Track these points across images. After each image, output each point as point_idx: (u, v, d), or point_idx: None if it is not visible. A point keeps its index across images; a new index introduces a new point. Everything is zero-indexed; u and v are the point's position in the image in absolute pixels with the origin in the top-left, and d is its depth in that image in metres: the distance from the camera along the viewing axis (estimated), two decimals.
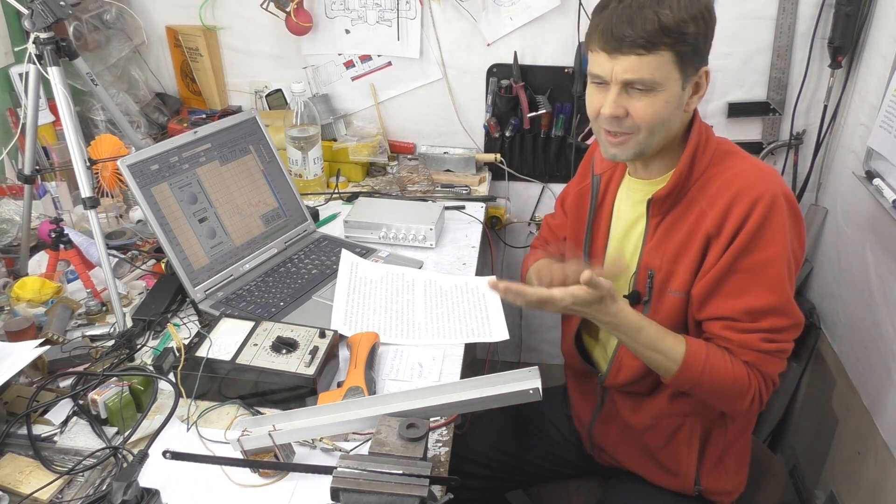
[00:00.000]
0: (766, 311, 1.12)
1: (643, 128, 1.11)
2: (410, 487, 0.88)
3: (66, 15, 1.34)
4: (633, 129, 1.12)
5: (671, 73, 1.07)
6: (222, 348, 1.18)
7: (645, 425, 1.30)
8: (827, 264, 1.91)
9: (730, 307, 1.13)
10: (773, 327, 1.12)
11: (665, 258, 1.19)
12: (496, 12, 1.89)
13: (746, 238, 1.10)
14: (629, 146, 1.14)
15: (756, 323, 1.12)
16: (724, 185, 1.14)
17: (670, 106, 1.10)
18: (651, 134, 1.12)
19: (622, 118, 1.11)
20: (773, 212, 1.10)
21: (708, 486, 1.30)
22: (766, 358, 1.13)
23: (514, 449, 1.52)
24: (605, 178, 1.32)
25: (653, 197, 1.19)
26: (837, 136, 1.90)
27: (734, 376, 1.13)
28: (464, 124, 2.06)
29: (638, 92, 1.08)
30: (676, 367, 1.14)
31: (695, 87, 1.13)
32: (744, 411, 1.17)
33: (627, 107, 1.10)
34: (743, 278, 1.12)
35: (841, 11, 1.74)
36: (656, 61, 1.05)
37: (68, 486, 1.01)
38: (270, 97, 2.10)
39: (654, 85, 1.07)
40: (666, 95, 1.09)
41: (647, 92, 1.08)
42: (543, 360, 2.36)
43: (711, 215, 1.14)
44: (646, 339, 1.14)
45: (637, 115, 1.10)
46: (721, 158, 1.18)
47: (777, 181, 1.14)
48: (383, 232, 1.64)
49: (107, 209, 1.67)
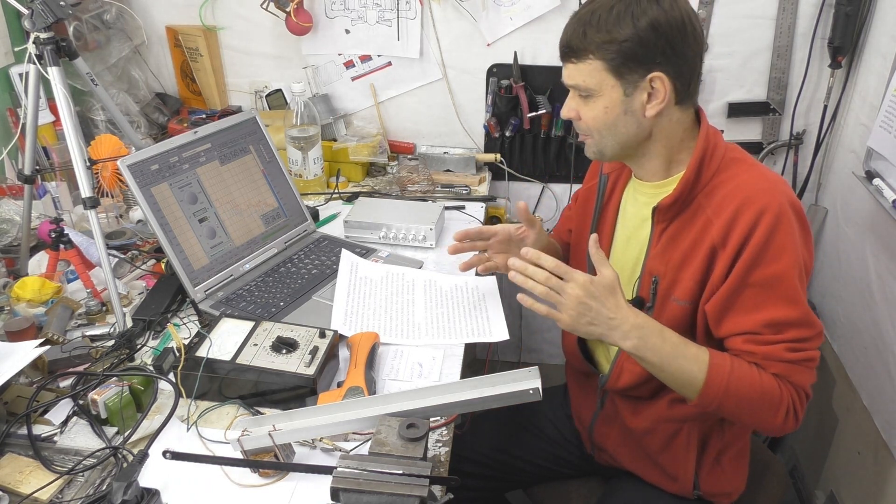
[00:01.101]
0: (788, 323, 1.10)
1: (592, 131, 1.19)
2: (410, 487, 0.88)
3: (66, 15, 1.34)
4: (586, 132, 1.20)
5: (604, 79, 1.13)
6: (222, 348, 1.18)
7: (644, 429, 1.29)
8: (827, 264, 1.91)
9: (749, 321, 1.11)
10: (797, 338, 1.10)
11: (670, 265, 1.18)
12: (496, 12, 1.89)
13: (755, 251, 1.09)
14: (589, 146, 1.22)
15: (779, 335, 1.10)
16: (730, 195, 1.13)
17: (612, 112, 1.15)
18: (602, 136, 1.18)
19: (577, 121, 1.20)
20: (780, 223, 1.09)
21: (707, 489, 1.29)
22: (794, 368, 1.10)
23: (514, 449, 1.52)
24: (613, 177, 1.33)
25: (658, 205, 1.18)
26: (837, 136, 1.90)
27: (763, 388, 1.09)
28: (464, 124, 2.06)
29: (581, 97, 1.17)
30: (703, 377, 1.09)
31: (650, 92, 1.12)
32: (779, 428, 1.11)
33: (578, 111, 1.18)
34: (757, 292, 1.10)
35: (841, 11, 1.74)
36: (586, 69, 1.13)
37: (68, 486, 1.01)
38: (270, 97, 2.10)
39: (588, 91, 1.15)
40: (604, 101, 1.14)
41: (586, 98, 1.16)
42: (543, 360, 2.36)
43: (717, 225, 1.12)
44: (671, 344, 1.10)
45: (584, 118, 1.18)
46: (728, 165, 1.16)
47: (784, 191, 1.13)
48: (383, 232, 1.64)
49: (107, 209, 1.67)
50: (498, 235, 1.41)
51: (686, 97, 1.15)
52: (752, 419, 1.15)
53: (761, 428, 1.20)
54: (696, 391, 1.10)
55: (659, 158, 1.20)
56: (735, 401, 1.09)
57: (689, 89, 1.15)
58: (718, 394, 1.09)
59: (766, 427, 1.17)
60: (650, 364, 1.11)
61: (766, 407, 1.10)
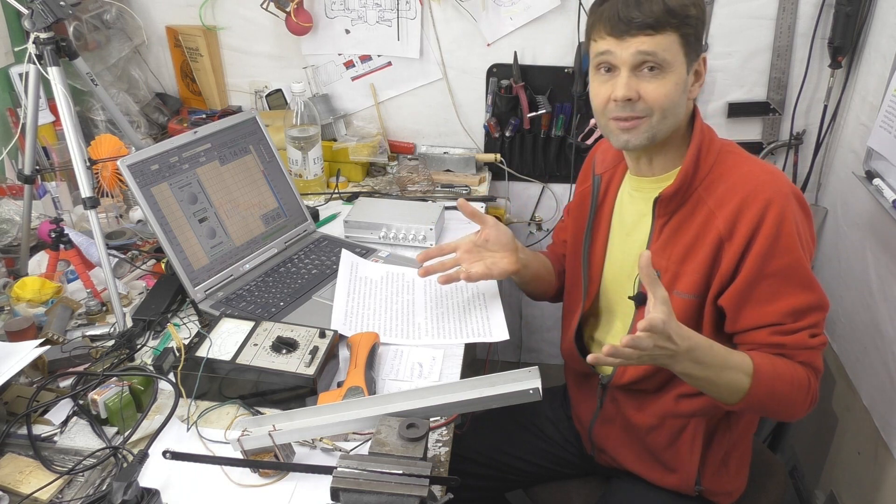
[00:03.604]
0: (807, 308, 1.12)
1: (656, 110, 1.12)
2: (410, 487, 0.88)
3: (66, 15, 1.34)
4: (645, 112, 1.12)
5: (678, 54, 1.11)
6: (222, 348, 1.18)
7: (649, 425, 1.29)
8: (827, 264, 1.91)
9: (771, 313, 1.11)
10: (815, 322, 1.13)
11: (672, 259, 1.18)
12: (496, 12, 1.89)
13: (766, 243, 1.10)
14: (641, 130, 1.14)
15: (801, 322, 1.11)
16: (733, 187, 1.14)
17: (679, 89, 1.12)
18: (663, 117, 1.13)
19: (635, 101, 1.12)
20: (787, 213, 1.10)
21: (709, 487, 1.29)
22: (815, 353, 1.13)
23: (514, 449, 1.51)
24: (606, 177, 1.33)
25: (660, 196, 1.18)
26: (837, 136, 1.90)
27: (798, 380, 1.11)
28: (464, 124, 2.06)
29: (648, 74, 1.10)
30: (749, 381, 1.08)
31: (696, 74, 1.16)
32: (802, 413, 1.15)
33: (639, 89, 1.11)
34: (773, 282, 1.11)
35: (841, 11, 1.74)
36: (665, 41, 1.09)
37: (68, 486, 1.01)
38: (270, 97, 2.10)
39: (664, 64, 1.10)
40: (675, 77, 1.11)
41: (657, 73, 1.10)
42: (543, 360, 2.36)
43: (721, 217, 1.13)
44: (720, 355, 1.07)
45: (650, 96, 1.11)
46: (724, 158, 1.18)
47: (785, 181, 1.15)
48: (383, 232, 1.64)
49: (107, 209, 1.67)
50: (461, 248, 1.34)
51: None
52: (784, 411, 1.15)
53: (785, 417, 1.21)
54: (741, 396, 1.09)
55: (673, 148, 1.20)
56: (778, 399, 1.11)
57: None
58: (763, 395, 1.09)
59: (791, 416, 1.18)
60: (698, 379, 1.08)
61: (800, 398, 1.12)
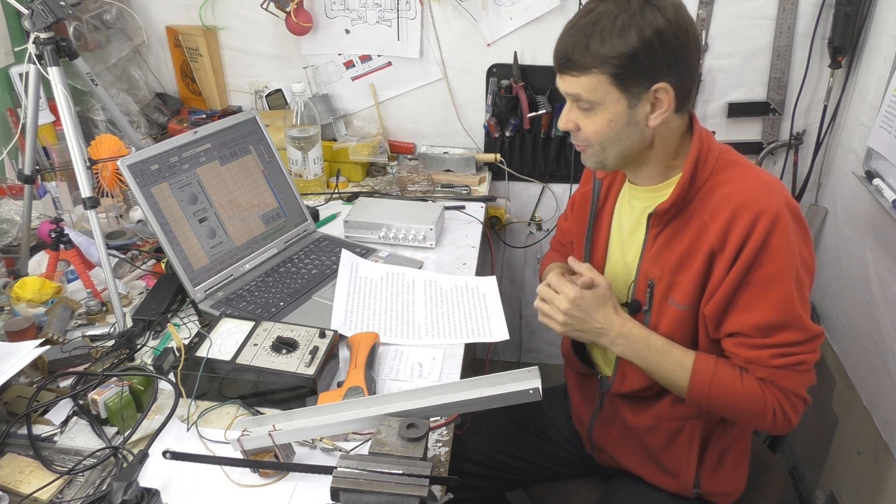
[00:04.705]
0: (777, 326, 1.10)
1: (593, 142, 1.16)
2: (410, 487, 0.88)
3: (66, 15, 1.34)
4: (585, 143, 1.17)
5: (609, 93, 1.09)
6: (222, 348, 1.18)
7: (646, 427, 1.29)
8: (827, 264, 1.91)
9: (741, 322, 1.12)
10: (788, 342, 1.10)
11: (665, 268, 1.18)
12: (496, 12, 1.89)
13: (752, 253, 1.09)
14: (588, 156, 1.20)
15: (768, 339, 1.10)
16: (726, 199, 1.12)
17: (616, 124, 1.12)
18: (603, 148, 1.16)
19: (575, 132, 1.17)
20: (776, 225, 1.08)
21: (707, 489, 1.29)
22: (780, 373, 1.11)
23: (514, 449, 1.51)
24: (607, 182, 1.32)
25: (655, 210, 1.18)
26: (837, 136, 1.90)
27: (744, 391, 1.12)
28: (464, 124, 2.06)
29: (581, 109, 1.13)
30: (686, 382, 1.15)
31: (652, 104, 1.11)
32: (771, 428, 1.15)
33: (577, 121, 1.15)
34: (753, 292, 1.11)
35: (841, 11, 1.74)
36: (589, 82, 1.09)
37: (68, 486, 1.01)
38: (270, 97, 2.10)
39: (591, 104, 1.11)
40: (607, 114, 1.11)
41: (588, 110, 1.12)
42: (543, 360, 2.36)
43: (714, 229, 1.12)
44: (656, 349, 1.18)
45: (585, 131, 1.15)
46: (723, 168, 1.16)
47: (780, 193, 1.12)
48: (383, 232, 1.64)
49: (107, 209, 1.67)
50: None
51: (685, 104, 1.15)
52: (741, 419, 1.22)
53: (757, 428, 1.24)
54: (684, 393, 1.18)
55: (657, 164, 1.20)
56: (719, 403, 1.15)
57: (689, 96, 1.15)
58: (703, 397, 1.15)
59: (758, 426, 1.21)
60: (638, 367, 1.21)
61: (751, 410, 1.14)
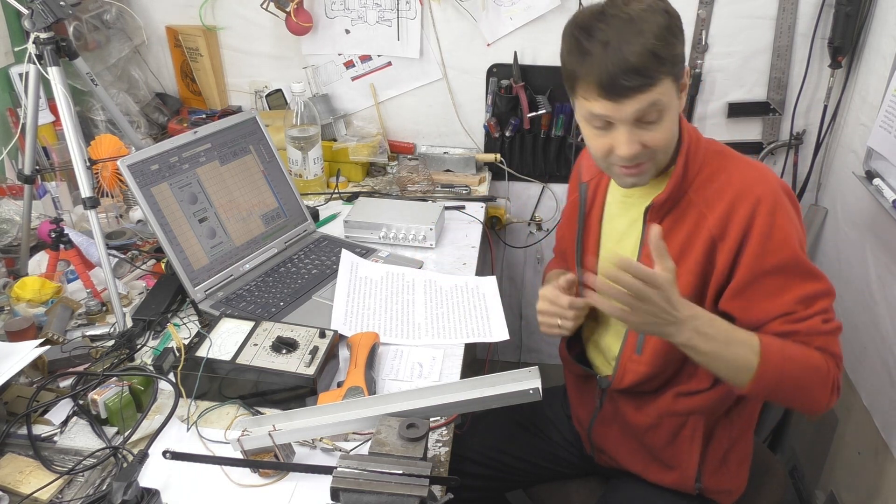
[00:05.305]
0: (815, 295, 1.11)
1: (659, 150, 1.12)
2: (410, 487, 0.88)
3: (66, 15, 1.34)
4: (649, 156, 1.12)
5: (672, 91, 1.09)
6: (222, 348, 1.18)
7: (648, 424, 1.29)
8: (827, 264, 1.91)
9: (780, 304, 1.11)
10: (826, 308, 1.12)
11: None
12: (496, 12, 1.89)
13: (760, 240, 1.10)
14: (647, 171, 1.14)
15: (811, 308, 1.11)
16: (722, 188, 1.15)
17: (676, 120, 1.13)
18: (666, 152, 1.14)
19: (640, 152, 1.10)
20: (777, 209, 1.11)
21: (709, 486, 1.30)
22: (830, 339, 1.12)
23: (514, 449, 1.51)
24: (593, 185, 1.33)
25: (651, 204, 1.18)
26: (837, 136, 1.90)
27: (814, 363, 1.08)
28: (464, 124, 2.06)
29: (647, 123, 1.08)
30: (757, 360, 1.06)
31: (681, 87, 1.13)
32: (826, 405, 1.11)
33: (641, 140, 1.09)
34: (777, 277, 1.11)
35: (841, 11, 1.74)
36: (661, 89, 1.06)
37: (68, 486, 1.01)
38: (270, 97, 2.10)
39: (661, 110, 1.08)
40: (673, 113, 1.11)
41: (655, 121, 1.08)
42: (543, 360, 2.36)
43: (712, 218, 1.14)
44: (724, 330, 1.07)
45: (654, 143, 1.10)
46: (713, 158, 1.18)
47: (773, 177, 1.16)
48: (383, 232, 1.64)
49: (107, 209, 1.67)
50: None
51: None
52: (804, 398, 1.12)
53: (808, 408, 1.15)
54: (750, 376, 1.07)
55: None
56: (791, 381, 1.08)
57: None
58: (774, 375, 1.07)
59: (813, 406, 1.13)
60: (703, 353, 1.06)
61: (819, 383, 1.09)
